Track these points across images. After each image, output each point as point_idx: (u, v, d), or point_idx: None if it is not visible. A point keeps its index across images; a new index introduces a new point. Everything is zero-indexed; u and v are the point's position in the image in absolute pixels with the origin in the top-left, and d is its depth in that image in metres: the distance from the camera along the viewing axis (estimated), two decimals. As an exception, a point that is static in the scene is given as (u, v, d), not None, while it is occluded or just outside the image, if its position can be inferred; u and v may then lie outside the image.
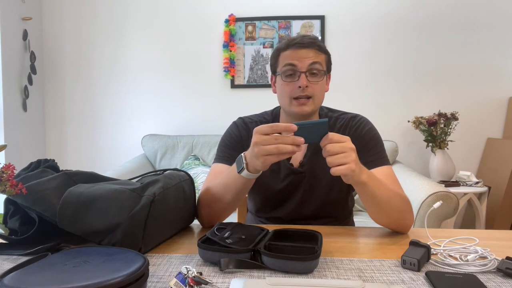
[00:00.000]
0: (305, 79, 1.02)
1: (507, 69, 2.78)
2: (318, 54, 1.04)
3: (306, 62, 1.02)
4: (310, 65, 1.03)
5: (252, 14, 2.90)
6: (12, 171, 0.71)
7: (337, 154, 0.80)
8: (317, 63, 1.03)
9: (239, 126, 1.16)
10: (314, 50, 1.04)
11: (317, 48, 1.05)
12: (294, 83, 1.03)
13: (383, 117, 2.84)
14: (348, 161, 0.79)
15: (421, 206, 1.82)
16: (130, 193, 0.78)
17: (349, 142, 0.82)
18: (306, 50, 1.03)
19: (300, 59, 1.03)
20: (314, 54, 1.04)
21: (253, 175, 0.89)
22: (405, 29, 2.83)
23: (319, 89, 1.05)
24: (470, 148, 2.83)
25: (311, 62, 1.03)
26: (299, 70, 1.03)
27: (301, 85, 1.01)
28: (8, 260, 0.75)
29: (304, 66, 1.02)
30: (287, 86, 1.05)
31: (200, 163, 2.65)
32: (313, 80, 1.04)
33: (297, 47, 1.04)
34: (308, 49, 1.04)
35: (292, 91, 1.04)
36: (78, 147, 3.06)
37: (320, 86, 1.05)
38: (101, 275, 0.53)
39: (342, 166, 0.79)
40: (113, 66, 3.01)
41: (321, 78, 1.05)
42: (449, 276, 0.65)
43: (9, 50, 2.67)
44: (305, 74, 1.02)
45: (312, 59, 1.03)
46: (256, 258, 0.71)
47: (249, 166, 0.87)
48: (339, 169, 0.80)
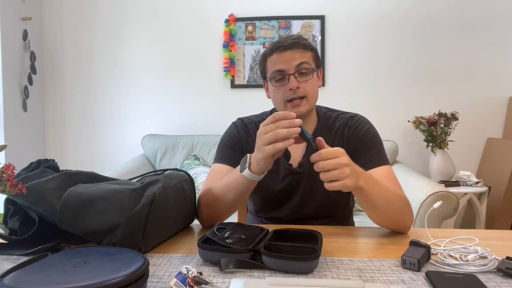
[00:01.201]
0: (294, 80, 1.02)
1: (507, 69, 2.78)
2: (303, 53, 1.04)
3: (292, 64, 1.03)
4: (297, 66, 1.03)
5: (252, 14, 2.90)
6: (12, 171, 0.71)
7: (330, 170, 0.77)
8: (304, 62, 1.03)
9: (238, 126, 1.16)
10: (299, 50, 1.04)
11: (302, 48, 1.05)
12: (285, 86, 1.03)
13: (383, 117, 2.84)
14: (342, 178, 0.77)
15: (421, 206, 1.82)
16: (130, 193, 0.78)
17: (343, 157, 0.79)
18: (291, 52, 1.03)
19: (287, 62, 1.03)
20: (299, 54, 1.04)
21: (255, 176, 0.89)
22: (405, 29, 2.83)
23: (310, 87, 1.05)
24: (470, 148, 2.83)
25: (298, 63, 1.03)
26: (288, 73, 1.03)
27: (292, 87, 1.02)
28: (8, 260, 0.75)
29: (291, 68, 1.03)
30: (279, 91, 1.05)
31: (200, 163, 2.65)
32: (303, 79, 1.04)
33: (282, 50, 1.04)
34: (293, 49, 1.04)
35: (284, 94, 1.04)
36: (78, 147, 3.06)
37: (311, 84, 1.05)
38: (101, 275, 0.53)
39: (336, 183, 0.78)
40: (113, 66, 3.01)
41: (310, 76, 1.05)
42: (449, 276, 0.65)
43: (9, 50, 2.67)
44: (294, 75, 1.02)
45: (299, 60, 1.03)
46: (256, 258, 0.71)
47: (252, 165, 0.88)
48: (333, 185, 0.78)
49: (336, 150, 0.79)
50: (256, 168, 0.87)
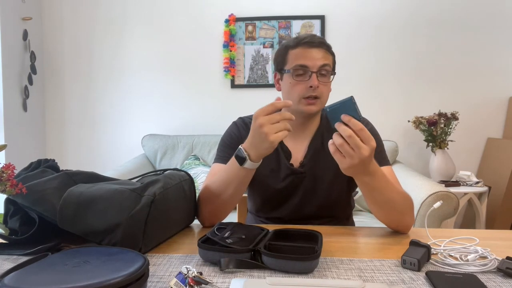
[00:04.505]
0: (316, 79, 1.02)
1: (507, 69, 2.78)
2: (327, 55, 1.06)
3: (317, 63, 1.03)
4: (321, 66, 1.03)
5: (252, 14, 2.90)
6: (12, 171, 0.71)
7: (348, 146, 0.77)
8: (327, 64, 1.04)
9: (239, 126, 1.16)
10: (323, 51, 1.05)
11: (326, 49, 1.06)
12: (305, 83, 1.03)
13: (383, 117, 2.84)
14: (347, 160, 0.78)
15: (421, 206, 1.82)
16: (130, 193, 0.78)
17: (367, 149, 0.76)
18: (317, 50, 1.04)
19: (312, 58, 1.03)
20: (323, 55, 1.04)
21: (255, 164, 0.90)
22: (405, 29, 2.83)
23: (326, 90, 1.06)
24: (470, 148, 2.83)
25: (322, 64, 1.03)
26: (311, 70, 1.03)
27: (313, 85, 1.02)
28: (8, 260, 0.75)
29: (315, 66, 1.03)
30: (298, 85, 1.05)
31: (200, 163, 2.65)
32: (322, 80, 1.04)
33: (308, 46, 1.04)
34: (318, 49, 1.04)
35: (303, 90, 1.04)
36: (78, 147, 3.06)
37: (328, 87, 1.07)
38: (101, 275, 0.53)
39: (339, 155, 0.79)
40: (113, 66, 3.01)
41: (329, 79, 1.06)
42: (449, 276, 0.65)
43: (9, 50, 2.67)
44: (316, 74, 1.03)
45: (323, 61, 1.03)
46: (256, 258, 0.71)
47: (251, 155, 0.88)
48: (336, 153, 0.79)
49: (371, 138, 0.78)
50: (257, 156, 0.89)
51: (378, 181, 0.87)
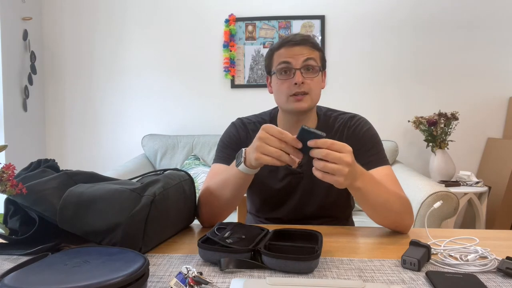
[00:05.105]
0: (300, 75, 1.02)
1: (507, 69, 2.78)
2: (312, 51, 1.05)
3: (300, 59, 1.03)
4: (304, 61, 1.03)
5: (252, 14, 2.90)
6: (12, 171, 0.71)
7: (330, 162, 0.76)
8: (311, 59, 1.03)
9: (238, 126, 1.16)
10: (307, 47, 1.04)
11: (311, 45, 1.05)
12: (289, 80, 1.03)
13: (383, 117, 2.84)
14: (338, 174, 0.76)
15: (421, 206, 1.82)
16: (130, 193, 0.78)
17: (348, 155, 0.77)
18: (300, 47, 1.04)
19: (294, 56, 1.03)
20: (308, 51, 1.04)
21: (250, 170, 0.89)
22: (405, 29, 2.83)
23: (315, 85, 1.05)
24: (470, 148, 2.83)
25: (305, 58, 1.03)
26: (294, 67, 1.03)
27: (297, 81, 1.01)
28: (8, 260, 0.75)
29: (298, 63, 1.03)
30: (283, 84, 1.05)
31: (200, 163, 2.65)
32: (308, 76, 1.03)
33: (291, 45, 1.04)
34: (302, 46, 1.04)
35: (288, 88, 1.03)
36: (78, 147, 3.06)
37: (316, 82, 1.05)
38: (101, 275, 0.53)
39: (330, 176, 0.77)
40: (113, 66, 3.01)
41: (316, 74, 1.05)
42: (449, 276, 0.65)
43: (9, 50, 2.67)
44: (300, 70, 1.02)
45: (306, 55, 1.03)
46: (256, 258, 0.71)
47: (247, 160, 0.88)
48: (326, 177, 0.77)
49: (344, 145, 0.78)
50: (249, 162, 0.87)
51: (369, 181, 0.86)
